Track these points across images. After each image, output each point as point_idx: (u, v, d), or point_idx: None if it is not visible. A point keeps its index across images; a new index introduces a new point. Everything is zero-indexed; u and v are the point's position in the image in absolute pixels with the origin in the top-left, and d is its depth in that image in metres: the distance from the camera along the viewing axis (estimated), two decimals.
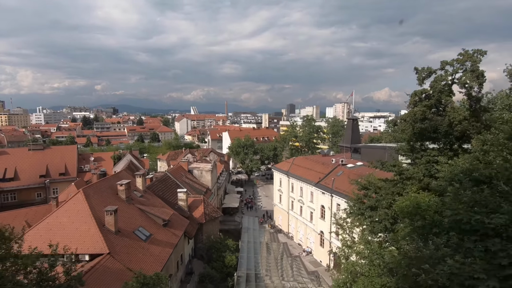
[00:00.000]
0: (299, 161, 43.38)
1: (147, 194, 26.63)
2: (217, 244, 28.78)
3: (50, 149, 48.55)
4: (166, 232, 22.78)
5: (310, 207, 36.80)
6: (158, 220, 23.34)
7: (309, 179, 36.83)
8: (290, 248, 37.99)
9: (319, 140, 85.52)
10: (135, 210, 22.55)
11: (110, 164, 51.41)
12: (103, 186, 22.43)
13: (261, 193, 66.36)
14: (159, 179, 32.35)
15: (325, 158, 41.05)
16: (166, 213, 24.42)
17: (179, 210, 28.80)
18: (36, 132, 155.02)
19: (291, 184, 41.47)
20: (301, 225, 39.21)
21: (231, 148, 76.54)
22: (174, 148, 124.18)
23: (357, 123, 50.71)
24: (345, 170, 33.87)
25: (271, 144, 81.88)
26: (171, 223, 24.08)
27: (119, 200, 22.12)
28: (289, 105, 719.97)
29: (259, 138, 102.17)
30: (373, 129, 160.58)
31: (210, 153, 65.00)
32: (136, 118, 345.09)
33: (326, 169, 36.29)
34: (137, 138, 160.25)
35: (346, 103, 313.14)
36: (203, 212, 30.28)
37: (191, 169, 40.77)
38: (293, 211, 41.19)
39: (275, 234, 42.56)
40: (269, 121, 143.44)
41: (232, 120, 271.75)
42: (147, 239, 20.58)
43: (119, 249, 17.81)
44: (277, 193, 45.70)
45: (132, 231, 20.22)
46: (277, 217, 46.10)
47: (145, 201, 25.00)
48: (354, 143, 47.05)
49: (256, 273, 26.04)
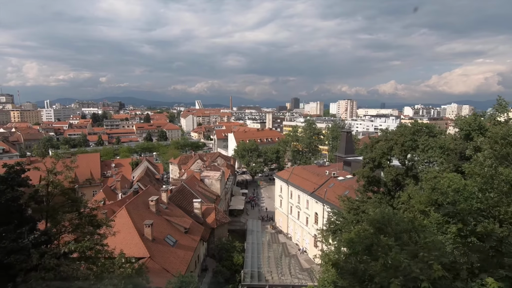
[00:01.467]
0: (297, 170, 48.95)
1: (170, 206, 32.46)
2: (227, 246, 34.71)
3: (77, 156, 54.53)
4: (187, 238, 28.64)
5: (306, 213, 42.50)
6: (180, 228, 29.20)
7: (305, 189, 42.45)
8: (288, 248, 43.87)
9: (319, 142, 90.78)
10: (163, 221, 28.39)
11: (128, 170, 57.41)
12: (138, 202, 28.27)
13: (264, 194, 72.07)
14: (178, 189, 38.13)
15: (320, 169, 46.53)
16: (187, 222, 30.27)
17: (195, 217, 34.69)
18: (49, 129, 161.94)
19: (290, 191, 47.15)
20: (298, 227, 45.00)
21: (237, 151, 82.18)
22: (181, 147, 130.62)
23: (351, 135, 55.68)
24: (336, 182, 39.39)
25: (274, 147, 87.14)
26: (191, 230, 29.92)
27: (151, 213, 27.96)
28: (293, 99, 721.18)
29: (262, 139, 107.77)
30: (374, 129, 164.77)
31: (218, 158, 70.70)
32: (143, 113, 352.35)
33: (320, 180, 41.83)
34: (146, 135, 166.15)
35: (349, 100, 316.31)
36: (214, 219, 36.15)
37: (202, 177, 46.58)
38: (292, 215, 46.97)
39: (276, 235, 48.46)
40: (273, 120, 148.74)
41: (237, 116, 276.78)
42: (174, 244, 26.44)
43: (156, 253, 23.66)
44: (278, 198, 51.47)
45: (163, 238, 26.07)
46: (278, 219, 52.00)
47: (169, 212, 30.86)
48: (348, 153, 52.38)
49: (259, 271, 31.92)
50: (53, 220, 12.75)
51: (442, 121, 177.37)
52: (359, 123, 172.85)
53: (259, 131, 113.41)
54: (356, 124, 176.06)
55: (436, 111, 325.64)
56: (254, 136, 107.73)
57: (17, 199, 11.55)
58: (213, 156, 73.55)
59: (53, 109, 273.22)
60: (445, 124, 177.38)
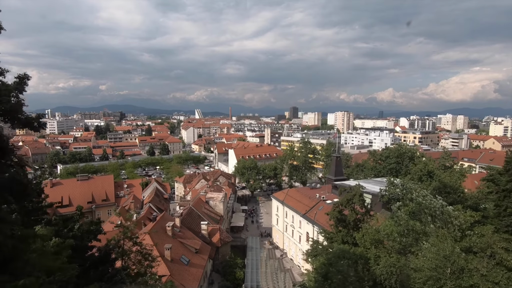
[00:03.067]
0: (292, 192, 54.82)
1: (182, 229, 38.21)
2: (230, 262, 40.36)
3: (93, 178, 60.48)
4: (197, 257, 34.34)
5: (299, 232, 48.19)
6: (192, 249, 34.90)
7: (298, 210, 48.22)
8: (283, 262, 49.41)
9: (314, 160, 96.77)
10: (178, 243, 34.11)
11: (139, 190, 63.13)
12: (158, 227, 34.03)
13: (263, 210, 77.59)
14: (187, 212, 43.87)
15: (312, 192, 52.39)
16: (197, 243, 36.01)
17: (202, 237, 40.40)
18: (55, 143, 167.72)
19: (285, 211, 52.90)
20: (292, 244, 50.63)
21: (237, 169, 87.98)
22: (183, 161, 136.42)
23: (340, 160, 61.54)
24: (325, 205, 45.16)
25: (271, 164, 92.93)
26: (200, 250, 35.63)
27: (168, 237, 33.71)
28: (292, 108, 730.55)
29: (261, 155, 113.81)
30: (369, 142, 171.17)
31: (219, 176, 76.58)
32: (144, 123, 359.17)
33: (311, 203, 47.65)
34: (148, 148, 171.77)
35: (346, 112, 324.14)
36: (219, 238, 41.86)
37: (208, 199, 52.37)
38: (287, 232, 52.62)
39: (273, 250, 54.01)
40: (271, 135, 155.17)
41: (236, 127, 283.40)
42: (187, 263, 32.13)
43: (174, 272, 29.34)
44: (275, 216, 57.18)
45: (179, 258, 31.78)
46: (275, 236, 57.62)
47: (182, 235, 36.59)
48: (337, 175, 58.31)
49: (257, 285, 37.48)
50: (126, 259, 18.52)
51: (433, 134, 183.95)
52: (355, 136, 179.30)
53: (258, 147, 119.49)
54: (352, 137, 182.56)
55: (431, 122, 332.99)
56: (253, 152, 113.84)
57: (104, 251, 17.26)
58: (215, 174, 79.38)
59: (56, 121, 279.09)
60: (437, 138, 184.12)
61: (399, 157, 62.16)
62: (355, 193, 23.66)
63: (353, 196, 23.38)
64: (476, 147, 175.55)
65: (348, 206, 23.23)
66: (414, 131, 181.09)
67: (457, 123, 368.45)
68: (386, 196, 28.77)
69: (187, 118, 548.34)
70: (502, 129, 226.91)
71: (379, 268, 16.14)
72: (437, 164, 34.30)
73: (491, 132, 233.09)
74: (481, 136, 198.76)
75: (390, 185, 29.71)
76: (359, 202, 23.49)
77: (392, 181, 29.60)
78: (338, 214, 23.84)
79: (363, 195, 24.37)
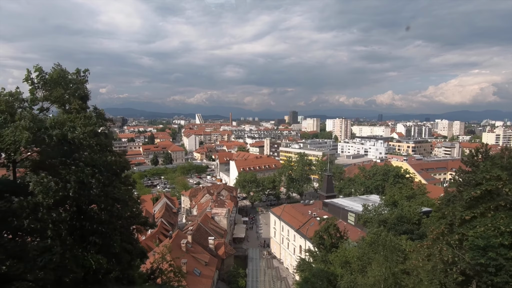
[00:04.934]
0: (288, 208, 61.64)
1: (193, 244, 45.01)
2: (233, 273, 47.10)
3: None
4: (207, 269, 41.10)
5: (293, 244, 54.95)
6: (202, 262, 41.67)
7: (292, 225, 54.99)
8: (280, 271, 56.08)
9: (311, 172, 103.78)
10: (191, 257, 40.87)
11: (150, 205, 69.81)
12: (174, 244, 40.80)
13: (262, 220, 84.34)
14: (196, 229, 50.64)
15: (305, 208, 59.19)
16: (206, 257, 42.80)
17: (209, 251, 47.16)
18: None
19: (282, 225, 59.66)
20: (288, 255, 57.37)
21: (238, 181, 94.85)
22: (187, 171, 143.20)
23: (331, 178, 68.41)
24: (315, 222, 51.91)
25: (270, 177, 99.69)
26: (209, 262, 42.39)
27: (183, 252, 40.47)
28: (291, 112, 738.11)
29: (261, 167, 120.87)
30: (364, 151, 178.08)
31: (222, 190, 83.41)
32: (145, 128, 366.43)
33: (304, 219, 54.43)
34: (152, 157, 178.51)
35: (343, 119, 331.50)
36: (224, 251, 48.63)
37: (213, 215, 59.17)
38: (283, 244, 59.37)
39: (271, 260, 60.68)
40: (270, 145, 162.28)
41: (237, 134, 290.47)
42: (199, 274, 38.89)
43: (190, 283, 36.03)
44: (273, 229, 63.97)
45: (192, 271, 38.53)
46: (273, 246, 64.36)
47: (193, 249, 43.37)
48: (328, 192, 65.28)
49: None
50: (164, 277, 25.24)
51: (427, 143, 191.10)
52: (351, 145, 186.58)
53: (258, 158, 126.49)
54: (348, 146, 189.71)
55: (427, 128, 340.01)
56: (253, 163, 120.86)
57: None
58: (219, 188, 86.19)
59: None
60: (430, 147, 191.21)
61: (385, 175, 69.06)
62: (330, 224, 30.49)
63: (329, 225, 30.18)
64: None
65: (325, 233, 29.99)
66: (408, 140, 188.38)
67: (453, 129, 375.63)
68: (362, 220, 35.66)
69: (187, 123, 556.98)
70: (494, 137, 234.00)
71: (342, 284, 22.69)
72: (405, 191, 41.09)
73: (483, 139, 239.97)
74: (473, 144, 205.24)
75: (365, 209, 36.61)
76: (334, 229, 30.30)
77: (366, 207, 36.48)
78: (318, 240, 30.57)
79: (336, 225, 31.15)
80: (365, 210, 36.17)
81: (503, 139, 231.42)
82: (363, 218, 34.97)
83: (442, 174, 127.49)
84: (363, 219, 35.29)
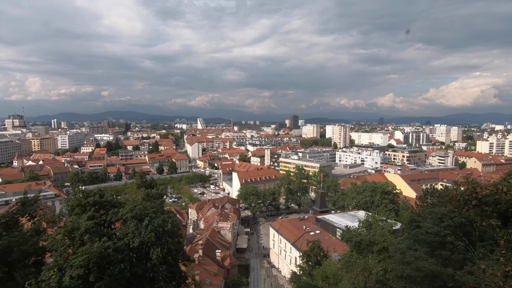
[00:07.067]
0: (285, 222, 69.29)
1: (204, 257, 52.69)
2: (237, 281, 54.67)
3: None
4: (215, 279, 48.74)
5: (289, 255, 62.52)
6: (211, 272, 49.31)
7: (289, 238, 62.57)
8: (278, 279, 63.63)
9: (308, 184, 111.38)
10: (202, 268, 48.48)
11: None
12: None
13: (263, 231, 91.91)
14: (205, 243, 58.28)
15: (300, 223, 66.78)
16: (214, 268, 50.46)
17: (217, 262, 54.82)
18: (73, 162, 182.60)
19: (280, 238, 67.26)
20: (285, 265, 64.92)
21: (240, 194, 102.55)
22: (192, 181, 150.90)
23: (324, 195, 75.89)
24: (309, 236, 59.53)
25: (270, 189, 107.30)
26: (217, 273, 50.03)
27: (196, 264, 48.10)
28: (292, 117, 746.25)
29: (262, 178, 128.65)
30: (361, 161, 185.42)
31: (226, 203, 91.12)
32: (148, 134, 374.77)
33: (299, 233, 62.02)
34: (157, 166, 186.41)
35: (342, 126, 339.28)
36: (229, 262, 56.27)
37: (219, 229, 66.85)
38: (281, 255, 66.95)
39: (270, 269, 68.23)
40: (271, 156, 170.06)
41: (238, 141, 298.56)
42: (209, 284, 46.52)
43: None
44: (272, 241, 71.58)
45: (204, 280, 46.15)
46: (272, 256, 71.94)
47: (204, 262, 51.03)
48: (322, 208, 72.94)
49: None
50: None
51: (421, 153, 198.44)
52: (348, 154, 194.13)
53: (259, 169, 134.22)
54: (346, 155, 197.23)
55: (425, 135, 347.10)
56: (254, 175, 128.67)
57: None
58: (223, 201, 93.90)
59: (67, 135, 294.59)
60: (425, 156, 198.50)
61: (373, 192, 76.60)
62: (314, 246, 38.11)
63: (314, 247, 37.77)
64: (462, 164, 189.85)
65: (312, 253, 37.49)
66: (403, 150, 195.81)
67: (451, 135, 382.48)
68: (344, 239, 43.28)
69: (189, 127, 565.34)
70: (488, 146, 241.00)
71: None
72: (382, 213, 48.63)
73: (478, 148, 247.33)
74: (466, 153, 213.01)
75: (348, 230, 44.26)
76: (318, 250, 37.88)
77: (348, 228, 44.10)
78: (306, 258, 38.02)
79: (321, 246, 38.70)
80: (348, 231, 43.68)
81: (496, 147, 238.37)
82: (345, 237, 42.50)
83: (434, 184, 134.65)
84: (345, 238, 42.80)
